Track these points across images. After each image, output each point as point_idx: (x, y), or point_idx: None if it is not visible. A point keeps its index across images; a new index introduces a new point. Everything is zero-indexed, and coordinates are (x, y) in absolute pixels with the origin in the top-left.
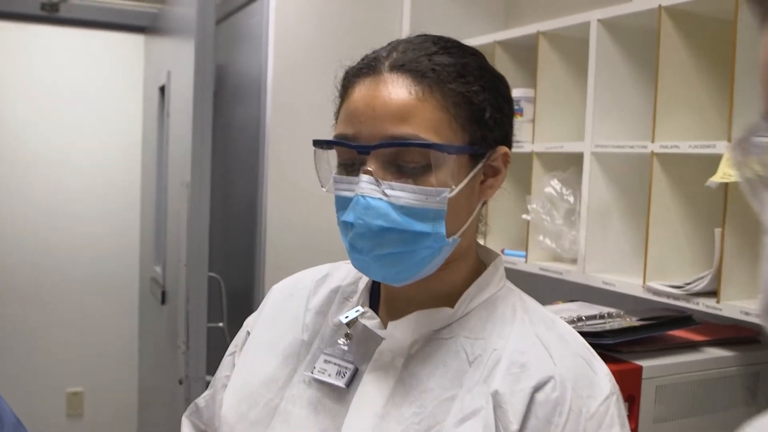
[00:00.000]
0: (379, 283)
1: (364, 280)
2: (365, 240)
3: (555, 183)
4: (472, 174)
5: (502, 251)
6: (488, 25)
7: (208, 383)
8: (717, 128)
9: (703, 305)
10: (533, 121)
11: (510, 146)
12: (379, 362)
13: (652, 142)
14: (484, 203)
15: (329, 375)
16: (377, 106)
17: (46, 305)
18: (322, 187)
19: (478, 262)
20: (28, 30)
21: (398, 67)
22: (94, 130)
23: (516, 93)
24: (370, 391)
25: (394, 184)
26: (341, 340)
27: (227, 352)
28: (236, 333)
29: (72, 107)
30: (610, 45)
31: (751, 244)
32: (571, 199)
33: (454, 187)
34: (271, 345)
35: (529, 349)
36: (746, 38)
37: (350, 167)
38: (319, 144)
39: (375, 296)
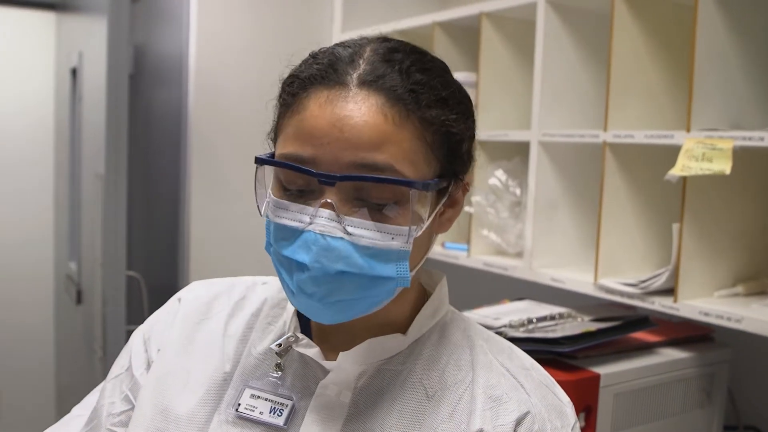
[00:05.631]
0: None
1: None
2: (320, 285)
3: (500, 173)
4: (437, 209)
5: (443, 245)
6: (426, 4)
7: None
8: (674, 117)
9: (659, 304)
10: (476, 107)
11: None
12: (323, 397)
13: (605, 131)
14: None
15: (261, 413)
16: (346, 127)
17: None
18: (259, 211)
19: (420, 285)
20: None
21: (369, 83)
22: (3, 113)
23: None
24: (315, 431)
25: (355, 220)
26: (273, 372)
27: (113, 373)
28: None
29: None
30: (558, 27)
31: (711, 241)
32: (517, 190)
33: (422, 224)
34: (188, 375)
35: (500, 381)
36: (707, 22)
37: (297, 193)
38: (263, 163)
39: (304, 321)
